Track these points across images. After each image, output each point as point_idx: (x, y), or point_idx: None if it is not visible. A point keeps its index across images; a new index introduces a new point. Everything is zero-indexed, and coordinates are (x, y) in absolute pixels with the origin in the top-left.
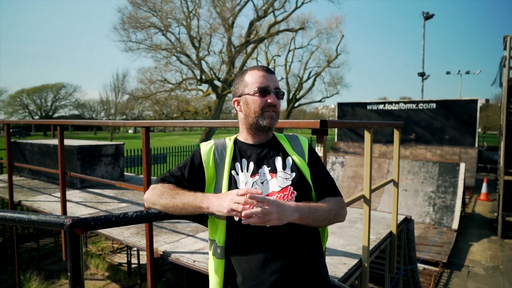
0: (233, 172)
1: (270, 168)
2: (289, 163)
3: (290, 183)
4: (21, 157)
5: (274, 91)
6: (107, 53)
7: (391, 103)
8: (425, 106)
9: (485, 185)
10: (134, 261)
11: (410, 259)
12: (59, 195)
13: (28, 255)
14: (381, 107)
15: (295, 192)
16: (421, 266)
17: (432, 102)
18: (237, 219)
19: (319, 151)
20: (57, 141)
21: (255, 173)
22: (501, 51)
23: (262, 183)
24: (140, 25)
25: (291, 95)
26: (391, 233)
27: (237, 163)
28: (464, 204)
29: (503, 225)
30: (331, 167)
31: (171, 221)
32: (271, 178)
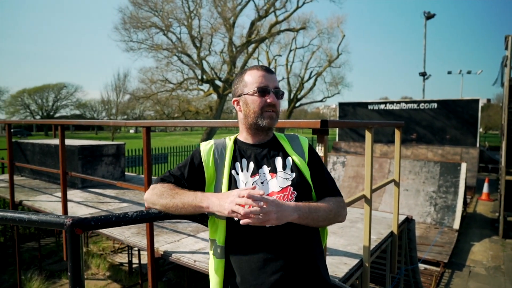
0: (233, 171)
1: (270, 168)
2: (289, 163)
3: (290, 183)
4: (22, 157)
5: (273, 91)
6: (108, 53)
7: (392, 103)
8: (427, 106)
9: (486, 185)
10: (135, 261)
11: (411, 259)
12: (60, 195)
13: (29, 255)
14: (382, 107)
15: (295, 192)
16: (422, 266)
17: (433, 102)
18: (237, 219)
19: (320, 151)
20: (58, 141)
21: (255, 173)
22: (503, 50)
23: (262, 183)
24: (141, 25)
25: (292, 95)
26: (392, 233)
27: (237, 163)
28: (465, 204)
29: (505, 225)
30: (332, 167)
31: (172, 221)
32: (271, 178)
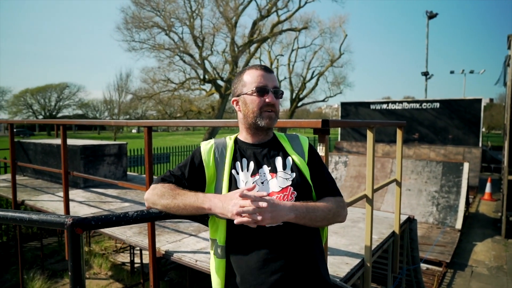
0: (233, 171)
1: (270, 168)
2: (289, 163)
3: (290, 183)
4: (24, 156)
5: (272, 90)
6: (110, 53)
7: (394, 102)
8: (429, 105)
9: (489, 185)
10: (137, 260)
11: (413, 259)
12: (62, 194)
13: (31, 254)
14: (385, 106)
15: (295, 192)
16: (424, 266)
17: (435, 101)
18: None
19: (321, 150)
20: (60, 141)
21: (255, 172)
22: (505, 50)
23: (262, 183)
24: (143, 25)
25: (295, 95)
26: (393, 232)
27: (238, 163)
28: (467, 203)
29: (507, 225)
30: (334, 166)
31: (174, 221)
32: (271, 178)
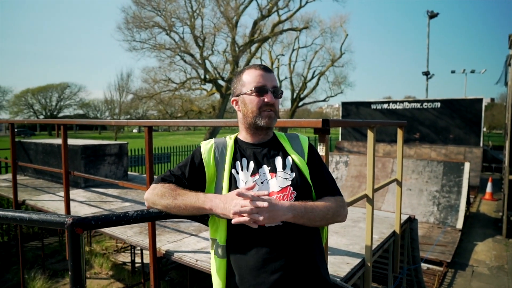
0: (233, 171)
1: (270, 167)
2: (289, 162)
3: (290, 183)
4: (25, 156)
5: (271, 90)
6: (111, 53)
7: (395, 102)
8: (430, 105)
9: (490, 185)
10: (137, 260)
11: (413, 259)
12: (63, 194)
13: (32, 254)
14: (386, 106)
15: (295, 192)
16: (425, 265)
17: (436, 101)
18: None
19: (321, 150)
20: (61, 141)
21: (255, 172)
22: (507, 49)
23: (262, 183)
24: (144, 25)
25: (295, 95)
26: (394, 232)
27: (237, 162)
28: (468, 203)
29: (508, 224)
30: (335, 166)
31: (174, 220)
32: (271, 178)
